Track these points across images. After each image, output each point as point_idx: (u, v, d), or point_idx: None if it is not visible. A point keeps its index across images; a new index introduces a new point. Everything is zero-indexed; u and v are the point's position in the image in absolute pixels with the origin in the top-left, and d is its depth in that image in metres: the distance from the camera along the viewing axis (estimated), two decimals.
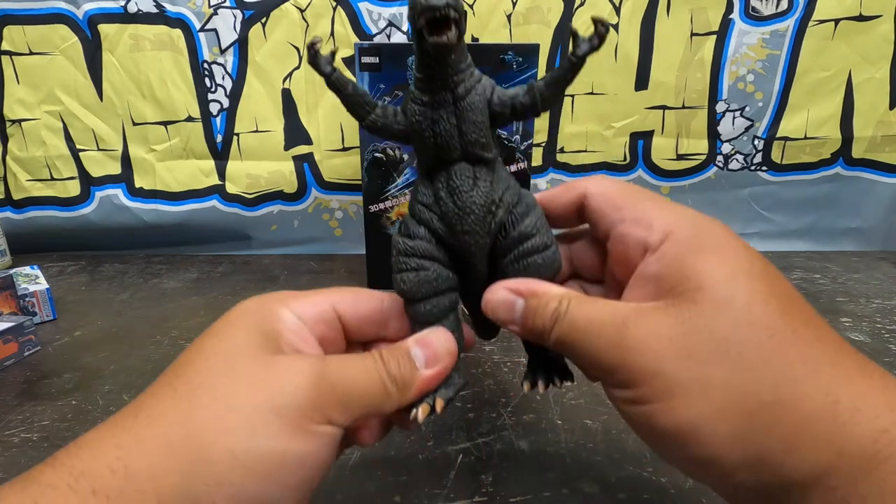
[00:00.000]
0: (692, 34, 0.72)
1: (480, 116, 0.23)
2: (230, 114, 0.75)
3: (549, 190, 0.26)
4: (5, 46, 0.72)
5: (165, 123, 0.75)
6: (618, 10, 0.70)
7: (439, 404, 0.24)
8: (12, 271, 0.56)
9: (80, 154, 0.76)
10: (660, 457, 0.22)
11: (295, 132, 0.75)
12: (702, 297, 0.19)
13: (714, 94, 0.74)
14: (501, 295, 0.24)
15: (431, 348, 0.23)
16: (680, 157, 0.77)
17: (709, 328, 0.19)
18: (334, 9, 0.70)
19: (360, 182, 0.61)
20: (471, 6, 0.70)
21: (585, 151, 0.77)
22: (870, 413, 0.17)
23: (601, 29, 0.22)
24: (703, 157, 0.77)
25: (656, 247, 0.21)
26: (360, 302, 0.26)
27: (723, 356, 0.18)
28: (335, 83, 0.23)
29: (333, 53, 0.23)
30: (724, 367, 0.18)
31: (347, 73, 0.23)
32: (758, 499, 0.19)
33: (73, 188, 0.77)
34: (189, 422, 0.19)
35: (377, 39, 0.71)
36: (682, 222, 0.22)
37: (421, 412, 0.23)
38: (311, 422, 0.20)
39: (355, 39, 0.71)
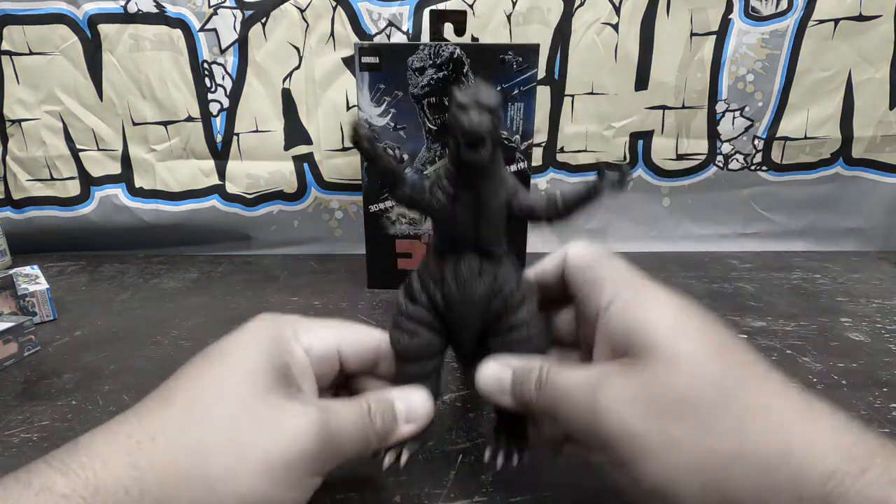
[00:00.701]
0: (692, 34, 0.72)
1: (498, 220, 0.26)
2: (230, 114, 0.75)
3: (542, 261, 0.29)
4: (5, 46, 0.72)
5: (165, 123, 0.75)
6: (618, 9, 0.70)
7: (405, 456, 0.27)
8: (12, 271, 0.56)
9: (80, 154, 0.76)
10: None
11: (295, 132, 0.75)
12: (653, 356, 0.21)
13: (714, 94, 0.74)
14: (491, 370, 0.26)
15: (413, 407, 0.26)
16: (680, 157, 0.77)
17: (665, 386, 0.20)
18: (334, 9, 0.70)
19: (360, 182, 0.61)
20: (471, 6, 0.70)
21: (585, 151, 0.77)
22: (819, 455, 0.18)
23: (627, 178, 0.24)
24: (703, 157, 0.77)
25: (605, 308, 0.24)
26: (361, 342, 0.28)
27: (682, 414, 0.20)
28: (376, 160, 0.25)
29: (373, 131, 0.25)
30: (685, 424, 0.20)
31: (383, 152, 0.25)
32: None
33: (73, 188, 0.77)
34: (205, 457, 0.20)
35: (377, 39, 0.71)
36: (625, 285, 0.24)
37: (388, 459, 0.27)
38: (308, 475, 0.22)
39: (355, 39, 0.71)
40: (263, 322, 0.26)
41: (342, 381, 0.30)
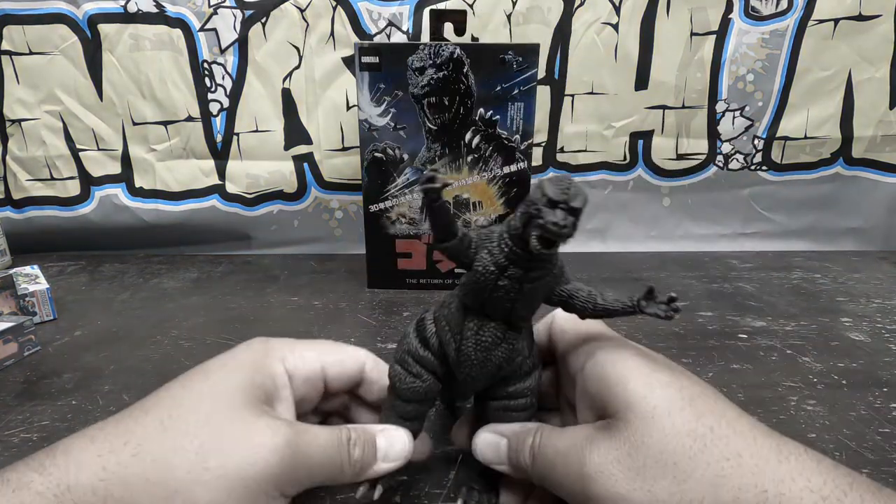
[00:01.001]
0: (692, 34, 0.72)
1: (536, 302, 0.26)
2: (230, 113, 0.75)
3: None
4: (5, 46, 0.71)
5: (165, 123, 0.75)
6: (618, 9, 0.70)
7: (378, 491, 0.27)
8: (12, 271, 0.56)
9: (80, 154, 0.76)
10: None
11: (295, 132, 0.75)
12: (631, 415, 0.22)
13: (714, 94, 0.74)
14: (488, 437, 0.27)
15: (394, 446, 0.27)
16: (680, 157, 0.77)
17: (645, 444, 0.21)
18: (334, 8, 0.70)
19: (360, 182, 0.61)
20: (471, 6, 0.70)
21: (585, 151, 0.77)
22: (794, 498, 0.19)
23: (674, 311, 0.24)
24: (703, 156, 0.77)
25: (581, 369, 0.25)
26: (346, 364, 0.29)
27: (662, 469, 0.21)
28: (438, 209, 0.25)
29: (445, 185, 0.24)
30: (666, 479, 0.21)
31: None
32: None
33: (73, 188, 0.77)
34: (169, 466, 0.21)
35: (377, 39, 0.71)
36: (597, 345, 0.26)
37: (361, 490, 0.27)
38: (271, 494, 0.22)
39: (355, 39, 0.71)
40: (251, 346, 0.27)
41: (335, 410, 0.31)
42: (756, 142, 0.76)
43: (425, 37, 0.69)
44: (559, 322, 0.29)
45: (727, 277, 0.67)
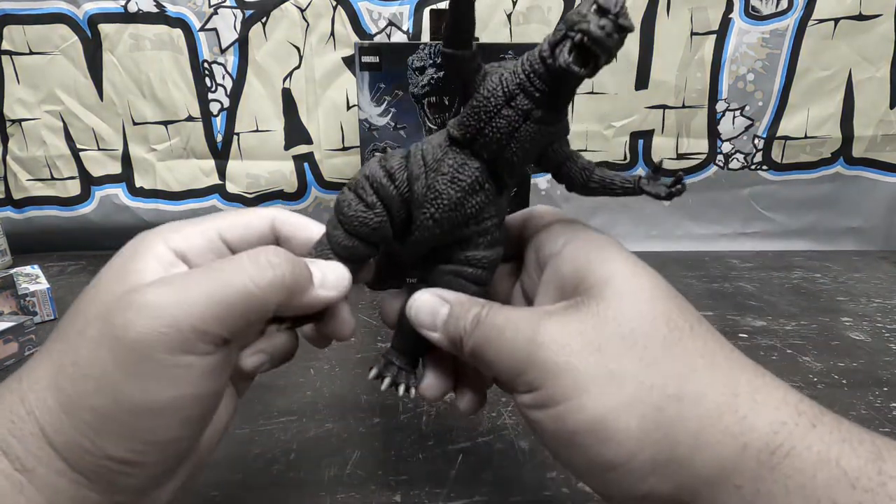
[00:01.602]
0: (692, 33, 0.72)
1: (532, 149, 0.22)
2: (230, 113, 0.75)
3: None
4: (5, 46, 0.72)
5: (166, 123, 0.75)
6: None
7: (402, 388, 0.25)
8: (13, 271, 0.56)
9: (81, 154, 0.76)
10: (568, 469, 0.21)
11: (295, 132, 0.75)
12: (609, 290, 0.20)
13: (714, 94, 0.74)
14: (428, 298, 0.23)
15: (328, 274, 0.23)
16: (680, 157, 0.77)
17: (616, 319, 0.19)
18: (334, 8, 0.70)
19: None
20: None
21: (586, 151, 0.77)
22: (769, 405, 0.18)
23: (680, 188, 0.22)
24: (704, 156, 0.77)
25: (558, 252, 0.22)
26: (250, 224, 0.24)
27: (630, 348, 0.19)
28: (464, 6, 0.21)
29: None
30: (631, 359, 0.19)
31: None
32: None
33: (74, 188, 0.77)
34: (63, 373, 0.19)
35: (377, 39, 0.71)
36: (579, 232, 0.23)
37: (401, 390, 0.24)
38: (193, 342, 0.18)
39: (355, 39, 0.71)
40: (133, 241, 0.23)
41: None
42: (756, 141, 0.76)
43: (425, 36, 0.69)
44: (539, 210, 0.26)
45: (727, 277, 0.68)
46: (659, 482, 0.18)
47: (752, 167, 0.77)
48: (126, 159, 0.77)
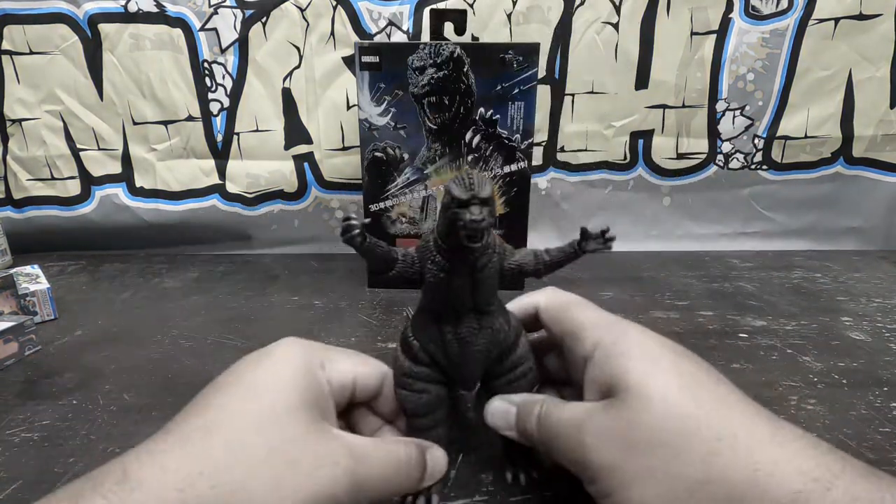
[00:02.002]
0: (692, 33, 0.72)
1: (492, 283, 0.27)
2: (230, 113, 0.75)
3: (516, 302, 0.32)
4: (5, 46, 0.72)
5: (166, 123, 0.75)
6: (618, 9, 0.70)
7: (435, 499, 0.29)
8: (13, 271, 0.56)
9: (81, 153, 0.76)
10: None
11: (295, 132, 0.75)
12: (630, 397, 0.23)
13: (714, 93, 0.74)
14: (498, 404, 0.29)
15: (437, 464, 0.28)
16: (680, 157, 0.77)
17: (641, 422, 0.23)
18: (334, 8, 0.70)
19: (360, 181, 0.61)
20: (471, 5, 0.70)
21: (586, 150, 0.77)
22: (785, 478, 0.20)
23: (609, 240, 0.27)
24: (704, 156, 0.77)
25: (590, 356, 0.27)
26: (372, 377, 0.29)
27: (656, 445, 0.22)
28: (366, 251, 0.27)
29: (365, 225, 0.26)
30: (658, 454, 0.22)
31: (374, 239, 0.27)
32: None
33: (74, 187, 0.77)
34: (248, 496, 0.21)
35: (377, 39, 0.71)
36: (604, 333, 0.27)
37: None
38: None
39: (355, 39, 0.71)
40: (293, 350, 0.26)
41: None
42: (756, 141, 0.76)
43: (425, 36, 0.69)
44: (548, 307, 0.31)
45: (727, 277, 0.68)
46: None
47: (752, 167, 0.77)
48: (126, 159, 0.77)
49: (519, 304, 0.32)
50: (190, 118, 0.75)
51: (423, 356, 0.29)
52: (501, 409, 0.29)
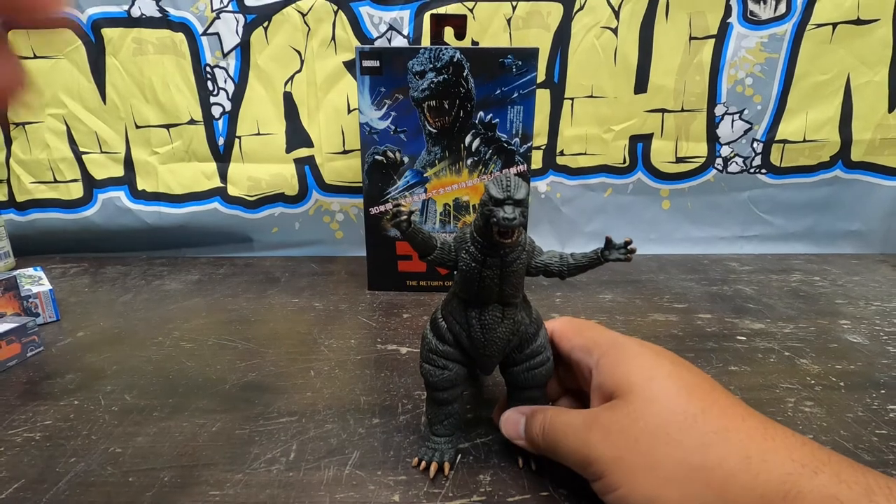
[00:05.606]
0: (691, 38, 0.72)
1: (518, 278, 0.30)
2: (232, 117, 0.75)
3: None
4: None
5: (168, 126, 0.75)
6: (617, 13, 0.71)
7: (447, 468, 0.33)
8: (16, 273, 0.57)
9: (83, 157, 0.77)
10: None
11: (296, 135, 0.76)
12: (633, 397, 0.26)
13: (713, 98, 0.74)
14: (510, 415, 0.33)
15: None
16: (679, 160, 0.77)
17: (643, 419, 0.25)
18: (335, 13, 0.71)
19: (360, 184, 0.61)
20: (471, 10, 0.71)
21: (585, 154, 0.77)
22: (776, 463, 0.22)
23: (630, 252, 0.30)
24: (703, 160, 0.77)
25: (596, 366, 0.30)
26: None
27: (656, 438, 0.25)
28: (410, 236, 0.30)
29: (411, 213, 0.29)
30: (661, 447, 0.24)
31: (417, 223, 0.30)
32: None
33: (76, 190, 0.78)
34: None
35: (378, 43, 0.72)
36: (609, 346, 0.30)
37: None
38: None
39: (356, 43, 0.72)
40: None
41: None
42: (755, 145, 0.76)
43: (426, 41, 0.70)
44: (561, 332, 0.34)
45: (726, 280, 0.68)
46: None
47: (751, 171, 0.77)
48: (128, 162, 0.77)
49: None
50: (192, 122, 0.75)
51: (448, 336, 0.31)
52: (513, 420, 0.32)
